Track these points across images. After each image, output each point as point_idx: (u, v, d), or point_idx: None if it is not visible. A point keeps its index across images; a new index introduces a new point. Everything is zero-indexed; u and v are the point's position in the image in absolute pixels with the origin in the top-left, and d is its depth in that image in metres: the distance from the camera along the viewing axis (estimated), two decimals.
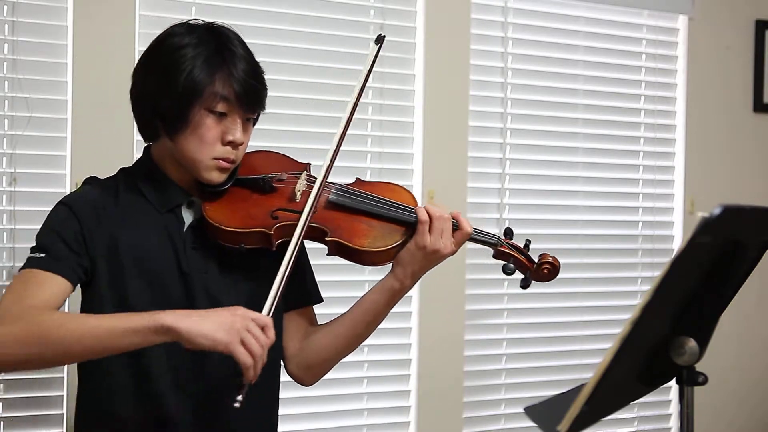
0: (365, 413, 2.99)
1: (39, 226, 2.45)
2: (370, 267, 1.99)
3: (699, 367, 1.48)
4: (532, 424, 1.58)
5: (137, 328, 1.62)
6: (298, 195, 1.87)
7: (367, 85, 2.00)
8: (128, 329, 1.63)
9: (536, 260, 1.96)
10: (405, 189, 1.99)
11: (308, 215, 1.79)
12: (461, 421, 3.11)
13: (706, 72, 3.53)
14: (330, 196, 1.90)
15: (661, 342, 1.45)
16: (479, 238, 1.97)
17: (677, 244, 3.48)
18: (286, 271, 1.73)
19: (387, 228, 1.89)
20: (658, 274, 1.34)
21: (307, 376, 2.02)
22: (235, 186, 1.88)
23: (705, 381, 1.48)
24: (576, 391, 1.41)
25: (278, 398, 2.01)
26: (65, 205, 1.84)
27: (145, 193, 1.86)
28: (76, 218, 1.80)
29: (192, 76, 1.78)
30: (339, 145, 1.89)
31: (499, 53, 3.18)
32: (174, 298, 1.80)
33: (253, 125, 1.91)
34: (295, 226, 1.80)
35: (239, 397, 1.64)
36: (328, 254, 1.88)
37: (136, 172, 1.91)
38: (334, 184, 1.92)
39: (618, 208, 3.43)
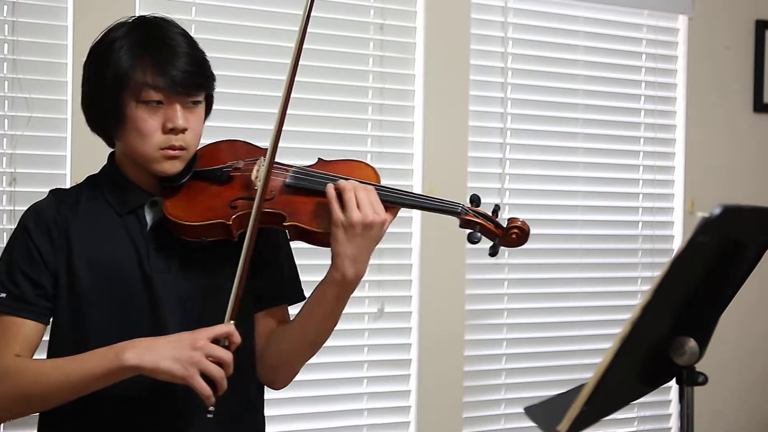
0: (365, 413, 2.99)
1: None
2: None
3: (699, 367, 1.48)
4: (532, 424, 1.58)
5: (105, 373, 1.65)
6: (256, 182, 1.79)
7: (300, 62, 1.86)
8: (96, 375, 1.66)
9: (505, 225, 1.86)
10: (367, 164, 1.89)
11: (260, 202, 1.72)
12: (461, 421, 3.11)
13: (706, 72, 3.53)
14: (287, 180, 1.81)
15: (661, 342, 1.45)
16: (440, 206, 1.85)
17: (677, 244, 3.48)
18: (244, 264, 1.69)
19: None
20: (658, 274, 1.34)
21: (273, 380, 1.93)
22: (194, 179, 1.83)
23: (705, 381, 1.48)
24: (576, 391, 1.41)
25: (255, 401, 1.93)
26: (23, 226, 1.81)
27: (106, 197, 1.83)
28: (32, 240, 1.78)
29: (116, 69, 1.73)
30: (281, 125, 1.79)
31: (499, 53, 3.18)
32: (136, 301, 1.78)
33: (208, 111, 1.85)
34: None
35: (210, 408, 1.65)
36: (290, 239, 1.84)
37: (99, 178, 1.88)
38: (292, 166, 1.84)
39: (618, 208, 3.43)
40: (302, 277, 1.98)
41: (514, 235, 1.86)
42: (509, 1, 3.19)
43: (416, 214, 3.03)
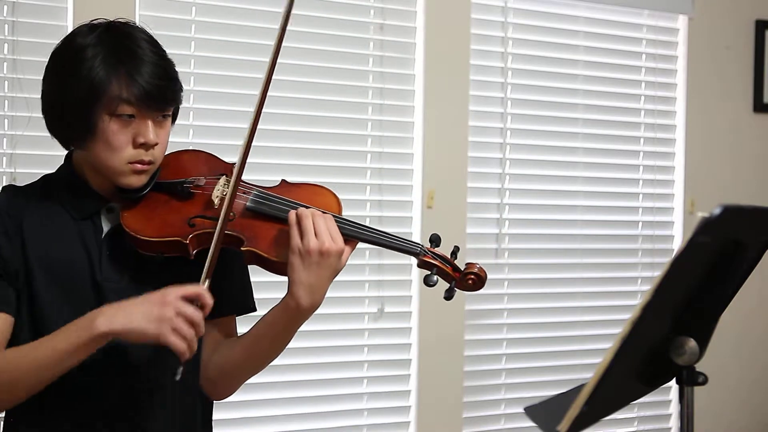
0: (365, 413, 2.99)
1: None
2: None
3: (699, 367, 1.48)
4: (532, 424, 1.58)
5: (78, 344, 1.62)
6: (216, 201, 1.76)
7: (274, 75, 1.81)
8: (71, 349, 1.63)
9: (462, 269, 1.82)
10: (330, 191, 1.83)
11: (223, 223, 1.69)
12: (461, 421, 3.11)
13: (706, 72, 3.53)
14: (247, 203, 1.76)
15: (661, 342, 1.45)
16: (398, 245, 1.80)
17: (677, 244, 3.48)
18: (204, 282, 1.66)
19: None
20: (658, 274, 1.34)
21: (213, 391, 1.88)
22: (154, 191, 1.78)
23: (705, 381, 1.48)
24: (576, 391, 1.40)
25: (201, 406, 1.90)
26: None
27: (61, 201, 1.79)
28: None
29: (89, 80, 1.68)
30: (249, 145, 1.74)
31: (499, 53, 3.19)
32: (86, 307, 1.71)
33: (173, 122, 1.82)
34: (211, 234, 1.70)
35: (180, 369, 1.62)
36: (246, 263, 1.77)
37: (56, 180, 1.84)
38: (254, 187, 1.79)
39: (618, 208, 3.43)
40: (262, 294, 1.94)
41: (470, 280, 1.82)
42: (509, 1, 3.19)
43: (416, 213, 3.03)
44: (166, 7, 2.68)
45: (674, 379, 1.50)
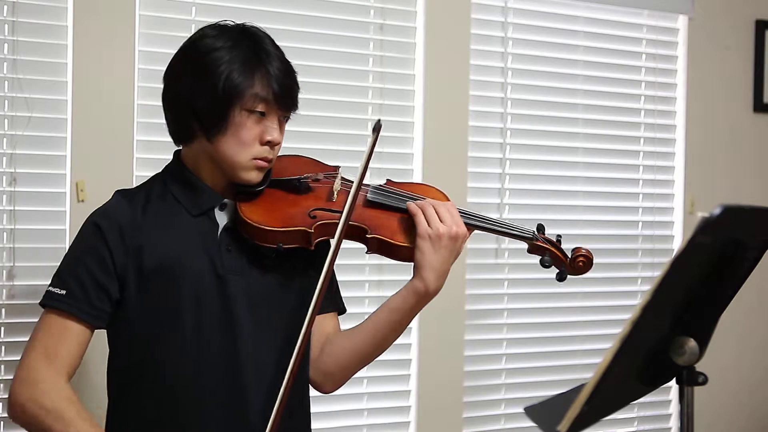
0: (365, 413, 2.99)
1: (39, 226, 2.48)
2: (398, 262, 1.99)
3: (699, 367, 1.48)
4: (532, 424, 1.58)
5: None
6: (335, 194, 1.90)
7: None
8: None
9: (570, 254, 2.03)
10: (437, 188, 2.02)
11: (349, 212, 1.80)
12: (461, 421, 3.11)
13: (706, 72, 3.53)
14: (367, 195, 1.93)
15: (661, 342, 1.45)
16: (512, 232, 2.01)
17: (677, 244, 3.48)
18: (329, 269, 1.76)
19: None
20: (658, 274, 1.34)
21: (327, 383, 2.00)
22: (270, 187, 1.90)
23: (705, 381, 1.48)
24: (576, 391, 1.41)
25: (306, 399, 2.01)
26: (95, 224, 1.84)
27: (178, 198, 1.87)
28: (104, 240, 1.82)
29: (231, 78, 1.80)
30: (375, 141, 1.89)
31: (499, 53, 3.18)
32: (208, 302, 1.82)
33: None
34: (335, 224, 1.81)
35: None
36: (367, 252, 1.91)
37: (168, 178, 1.92)
38: (368, 185, 1.96)
39: (618, 208, 3.43)
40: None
41: (580, 262, 2.03)
42: (509, 1, 3.19)
43: None
44: (166, 7, 2.68)
45: (674, 379, 1.50)
